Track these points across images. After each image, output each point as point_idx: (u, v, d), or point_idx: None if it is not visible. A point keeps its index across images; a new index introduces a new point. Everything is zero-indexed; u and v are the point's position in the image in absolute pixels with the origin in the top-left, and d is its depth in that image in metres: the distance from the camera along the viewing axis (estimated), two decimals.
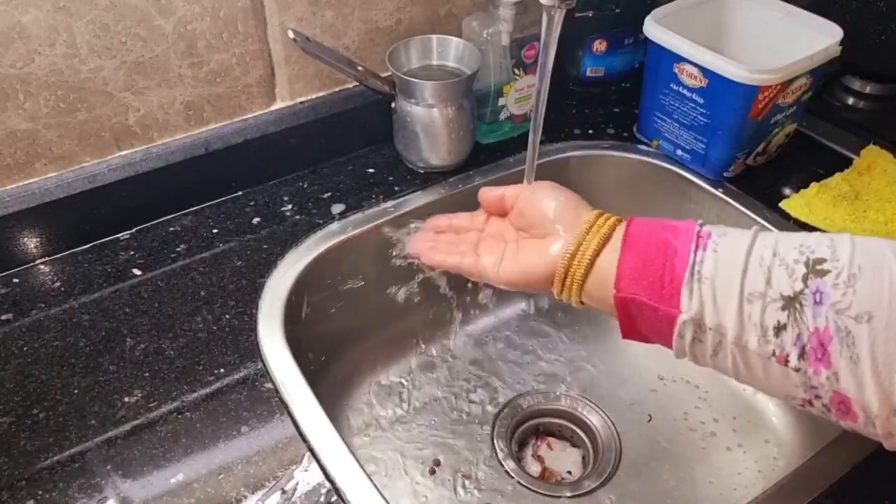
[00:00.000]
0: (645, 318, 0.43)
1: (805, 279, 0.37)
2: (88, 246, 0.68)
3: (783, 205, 0.72)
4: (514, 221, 0.54)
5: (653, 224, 0.45)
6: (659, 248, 0.42)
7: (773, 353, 0.38)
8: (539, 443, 0.75)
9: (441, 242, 0.57)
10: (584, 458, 0.74)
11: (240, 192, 0.74)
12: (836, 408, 0.37)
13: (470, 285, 0.74)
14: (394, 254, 0.60)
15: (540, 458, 0.74)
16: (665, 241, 0.42)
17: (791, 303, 0.37)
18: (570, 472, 0.72)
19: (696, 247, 0.41)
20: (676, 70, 0.72)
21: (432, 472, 0.70)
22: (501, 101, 0.78)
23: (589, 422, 0.75)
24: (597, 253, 0.46)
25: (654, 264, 0.42)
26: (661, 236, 0.43)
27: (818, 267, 0.37)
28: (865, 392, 0.35)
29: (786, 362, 0.37)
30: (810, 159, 0.79)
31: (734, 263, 0.39)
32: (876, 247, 0.37)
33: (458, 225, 0.58)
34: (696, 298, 0.40)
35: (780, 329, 0.37)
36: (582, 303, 0.48)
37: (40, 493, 0.49)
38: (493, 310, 0.85)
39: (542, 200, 0.52)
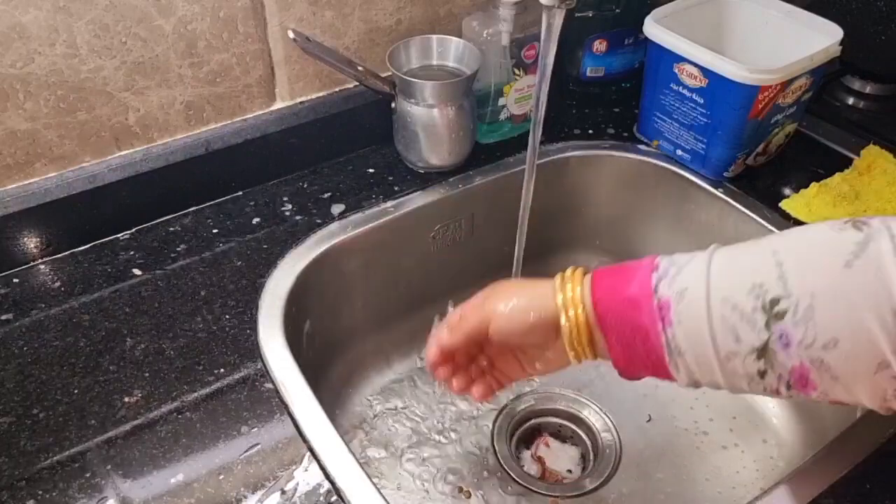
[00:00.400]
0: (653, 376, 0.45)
1: (767, 326, 0.38)
2: (88, 246, 0.68)
3: (783, 205, 0.72)
4: (496, 347, 0.52)
5: (614, 300, 0.44)
6: (633, 331, 0.43)
7: (766, 389, 0.40)
8: (539, 443, 0.75)
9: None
10: (583, 457, 0.74)
11: (240, 192, 0.74)
12: (833, 402, 0.40)
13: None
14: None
15: (540, 459, 0.74)
16: (635, 324, 0.43)
17: (764, 352, 0.39)
18: (570, 472, 0.72)
19: (664, 324, 0.41)
20: (676, 70, 0.72)
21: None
22: (501, 101, 0.78)
23: (589, 422, 0.75)
24: (587, 327, 0.45)
25: (637, 348, 0.43)
26: (629, 317, 0.43)
27: (775, 310, 0.38)
28: (855, 395, 0.37)
29: (778, 392, 0.40)
30: (810, 159, 0.79)
31: (700, 331, 0.40)
32: (826, 267, 0.37)
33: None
34: (684, 369, 0.42)
35: (763, 373, 0.39)
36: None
37: (40, 493, 0.49)
38: None
39: (501, 315, 0.48)
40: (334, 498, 0.49)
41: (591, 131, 0.84)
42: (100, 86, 0.63)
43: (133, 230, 0.70)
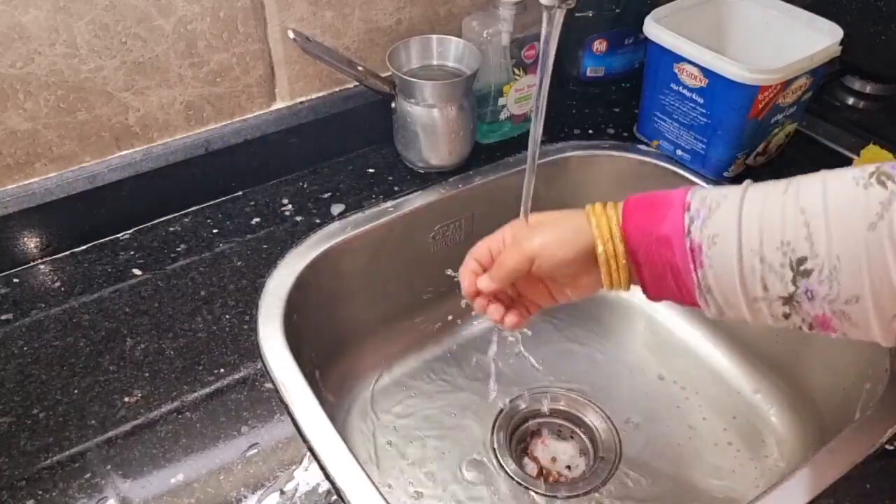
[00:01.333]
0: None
1: (794, 282, 0.40)
2: (88, 246, 0.68)
3: None
4: (527, 279, 0.53)
5: (646, 237, 0.46)
6: (665, 267, 0.46)
7: (790, 326, 0.43)
8: (539, 443, 0.75)
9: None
10: (583, 457, 0.74)
11: (240, 192, 0.74)
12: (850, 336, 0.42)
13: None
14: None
15: (540, 459, 0.74)
16: (667, 262, 0.45)
17: (790, 301, 0.41)
18: (569, 470, 0.72)
19: (695, 266, 0.44)
20: (676, 70, 0.72)
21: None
22: (501, 101, 0.78)
23: (589, 421, 0.75)
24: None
25: (668, 282, 0.46)
26: (662, 255, 0.46)
27: (802, 268, 0.40)
28: (872, 336, 0.40)
29: (800, 329, 0.43)
30: (810, 159, 0.79)
31: (731, 276, 0.42)
32: (852, 229, 0.38)
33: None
34: (713, 304, 0.45)
35: (788, 315, 0.42)
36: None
37: (40, 493, 0.49)
38: None
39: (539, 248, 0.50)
40: (334, 498, 0.49)
41: (591, 131, 0.84)
42: (100, 86, 0.63)
43: (133, 230, 0.70)
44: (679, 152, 0.77)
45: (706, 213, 0.44)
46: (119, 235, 0.69)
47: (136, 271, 0.66)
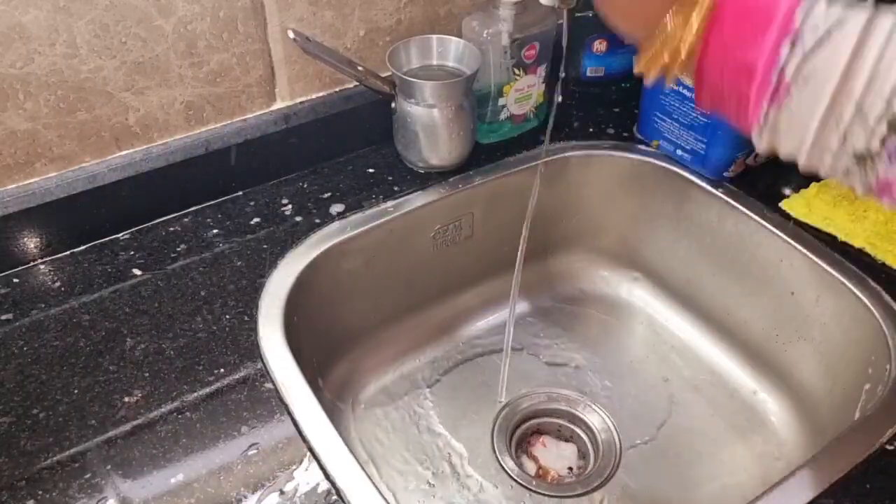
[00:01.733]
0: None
1: (884, 141, 0.34)
2: (88, 246, 0.68)
3: (783, 205, 0.72)
4: None
5: (726, 57, 0.39)
6: (732, 94, 0.39)
7: (842, 178, 0.38)
8: (538, 443, 0.75)
9: None
10: (583, 458, 0.74)
11: (240, 192, 0.74)
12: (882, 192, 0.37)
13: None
14: None
15: (540, 458, 0.74)
16: (736, 90, 0.39)
17: (864, 159, 0.36)
18: (570, 470, 0.72)
19: (770, 104, 0.37)
20: None
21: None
22: (501, 101, 0.78)
23: (589, 422, 0.75)
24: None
25: (726, 107, 0.40)
26: (734, 81, 0.39)
27: None
28: None
29: (850, 185, 0.38)
30: None
31: (808, 122, 0.36)
32: None
33: None
34: (766, 143, 0.39)
35: (849, 173, 0.37)
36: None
37: (40, 493, 0.49)
38: (492, 310, 0.85)
39: None
40: (334, 498, 0.49)
41: (591, 131, 0.84)
42: (100, 86, 0.63)
43: (133, 230, 0.70)
44: (679, 152, 0.77)
45: (812, 44, 0.35)
46: (119, 235, 0.69)
47: (136, 271, 0.66)
